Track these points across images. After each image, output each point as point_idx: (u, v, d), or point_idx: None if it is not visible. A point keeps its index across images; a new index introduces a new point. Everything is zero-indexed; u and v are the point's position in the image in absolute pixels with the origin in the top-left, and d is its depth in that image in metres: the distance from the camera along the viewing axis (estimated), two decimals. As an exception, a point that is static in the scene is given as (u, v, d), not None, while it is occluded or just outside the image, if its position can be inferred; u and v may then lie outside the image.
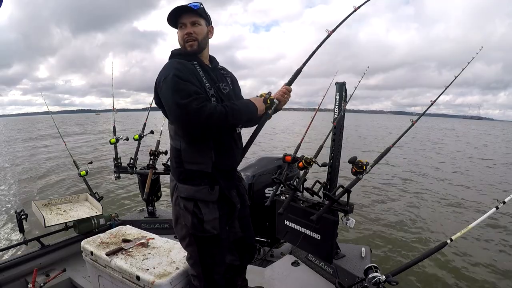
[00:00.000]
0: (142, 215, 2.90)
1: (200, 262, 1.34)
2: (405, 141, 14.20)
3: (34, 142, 17.69)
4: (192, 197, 1.26)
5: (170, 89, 1.16)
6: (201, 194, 1.26)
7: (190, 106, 1.11)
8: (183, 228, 1.31)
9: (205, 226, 1.26)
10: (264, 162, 2.40)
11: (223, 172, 1.32)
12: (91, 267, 1.71)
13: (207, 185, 1.27)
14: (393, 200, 5.97)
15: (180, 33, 1.29)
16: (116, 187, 6.60)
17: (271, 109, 1.36)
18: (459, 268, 3.40)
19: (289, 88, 1.43)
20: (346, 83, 2.04)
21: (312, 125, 2.28)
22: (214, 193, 1.28)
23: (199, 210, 1.26)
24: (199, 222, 1.26)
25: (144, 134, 2.90)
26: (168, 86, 1.17)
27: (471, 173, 8.84)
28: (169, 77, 1.17)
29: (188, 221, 1.27)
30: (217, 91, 1.27)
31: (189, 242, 1.33)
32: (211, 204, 1.28)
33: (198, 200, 1.26)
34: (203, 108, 1.13)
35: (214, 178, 1.28)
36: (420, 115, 1.60)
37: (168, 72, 1.19)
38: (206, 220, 1.26)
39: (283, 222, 1.91)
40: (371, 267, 1.43)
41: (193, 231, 1.28)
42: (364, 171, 1.51)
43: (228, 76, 1.44)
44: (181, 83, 1.15)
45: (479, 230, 4.25)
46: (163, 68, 1.25)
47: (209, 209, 1.27)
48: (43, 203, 2.55)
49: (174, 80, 1.16)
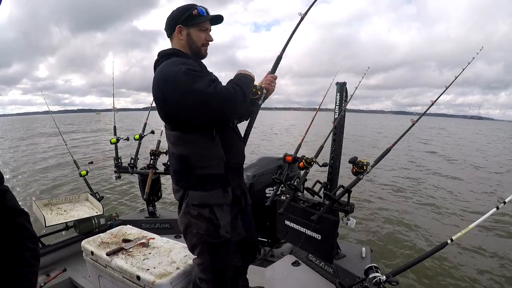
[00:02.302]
0: (142, 215, 2.90)
1: (212, 268, 1.31)
2: (406, 141, 14.23)
3: (33, 141, 17.70)
4: (206, 202, 1.22)
5: (189, 83, 1.09)
6: (215, 199, 1.24)
7: (219, 92, 1.08)
8: (194, 237, 1.27)
9: (221, 231, 1.23)
10: (264, 162, 2.40)
11: (234, 170, 1.31)
12: (91, 267, 1.71)
13: (220, 188, 1.25)
14: (393, 200, 5.97)
15: (204, 35, 1.28)
16: (117, 187, 6.61)
17: (261, 98, 1.36)
18: (459, 268, 3.39)
19: (275, 76, 1.41)
20: (346, 83, 2.05)
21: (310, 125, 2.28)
22: (228, 195, 1.27)
23: (215, 215, 1.23)
24: (215, 228, 1.23)
25: (145, 134, 2.90)
26: (185, 81, 1.10)
27: (471, 173, 8.84)
28: (180, 72, 1.10)
29: (202, 229, 1.23)
30: None
31: (201, 250, 1.30)
32: (226, 207, 1.26)
33: (213, 205, 1.23)
34: (229, 90, 1.11)
35: (226, 179, 1.26)
36: (420, 115, 1.60)
37: (176, 69, 1.12)
38: (222, 225, 1.23)
39: (284, 222, 1.91)
40: (372, 267, 1.43)
41: (207, 238, 1.25)
42: (365, 171, 1.51)
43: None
44: (197, 75, 1.11)
45: (479, 230, 4.25)
46: (164, 68, 1.18)
47: (224, 213, 1.25)
48: (44, 202, 2.55)
49: (189, 73, 1.10)
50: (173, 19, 1.26)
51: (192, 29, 1.26)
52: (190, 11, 1.23)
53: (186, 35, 1.26)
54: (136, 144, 2.90)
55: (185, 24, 1.25)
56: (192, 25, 1.25)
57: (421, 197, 6.17)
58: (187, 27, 1.25)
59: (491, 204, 1.56)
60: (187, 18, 1.24)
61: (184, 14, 1.23)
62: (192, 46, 1.28)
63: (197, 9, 1.24)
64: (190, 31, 1.26)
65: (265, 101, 1.41)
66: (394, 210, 5.32)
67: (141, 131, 2.89)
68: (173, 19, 1.26)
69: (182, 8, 1.26)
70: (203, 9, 1.25)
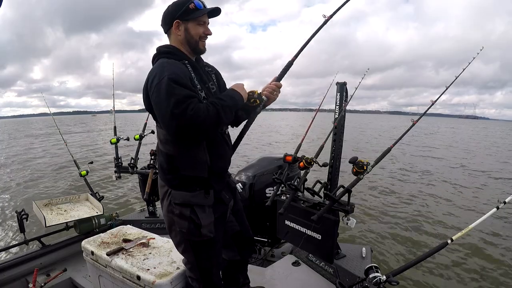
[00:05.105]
0: (142, 215, 2.90)
1: (198, 266, 1.33)
2: (407, 141, 14.25)
3: (33, 141, 17.71)
4: (188, 202, 1.23)
5: (163, 96, 1.07)
6: (197, 199, 1.24)
7: (185, 114, 1.03)
8: (178, 235, 1.29)
9: (202, 231, 1.24)
10: (265, 162, 2.40)
11: (217, 175, 1.30)
12: (91, 267, 1.72)
13: (202, 190, 1.25)
14: (393, 200, 5.96)
15: (202, 29, 1.24)
16: (117, 187, 6.61)
17: (260, 106, 1.32)
18: (459, 268, 3.39)
19: (279, 84, 1.34)
20: (346, 83, 2.05)
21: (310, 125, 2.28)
22: (210, 197, 1.26)
23: (196, 215, 1.23)
24: (196, 227, 1.23)
25: (145, 134, 2.90)
26: (161, 92, 1.07)
27: (471, 173, 8.84)
28: (163, 81, 1.08)
29: (184, 227, 1.24)
30: (207, 93, 1.23)
31: (185, 248, 1.31)
32: (207, 208, 1.26)
33: (195, 205, 1.24)
34: (198, 113, 1.05)
35: (209, 182, 1.26)
36: (421, 115, 1.60)
37: (161, 75, 1.10)
38: (204, 225, 1.24)
39: (284, 222, 1.91)
40: (372, 267, 1.43)
41: (189, 236, 1.26)
42: (365, 171, 1.51)
43: (213, 72, 1.40)
44: (176, 88, 1.07)
45: (479, 230, 4.25)
46: (153, 70, 1.16)
47: (206, 214, 1.25)
48: (44, 203, 2.55)
49: (168, 85, 1.07)
50: (169, 14, 1.22)
51: (189, 24, 1.22)
52: (186, 5, 1.19)
53: (184, 30, 1.22)
54: (136, 144, 2.91)
55: (182, 18, 1.21)
56: (190, 20, 1.21)
57: (421, 197, 6.16)
58: (184, 22, 1.22)
59: (492, 203, 1.56)
60: (184, 12, 1.20)
61: (181, 9, 1.20)
62: (190, 41, 1.24)
63: (193, 2, 1.20)
64: (188, 25, 1.22)
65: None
66: (394, 210, 5.32)
67: (141, 131, 2.89)
68: (170, 14, 1.22)
69: (178, 2, 1.22)
70: (200, 2, 1.21)
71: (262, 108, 1.34)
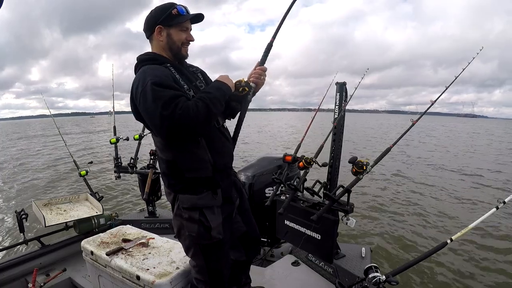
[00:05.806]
0: (142, 214, 2.90)
1: (207, 269, 1.31)
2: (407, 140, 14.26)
3: (31, 142, 17.70)
4: (196, 205, 1.22)
5: (150, 101, 1.05)
6: (204, 201, 1.23)
7: (174, 114, 1.02)
8: (187, 239, 1.28)
9: (212, 233, 1.22)
10: (264, 162, 2.40)
11: (222, 172, 1.29)
12: (91, 266, 1.71)
13: (209, 190, 1.24)
14: (393, 200, 5.96)
15: (184, 35, 1.23)
16: (117, 186, 6.60)
17: (250, 94, 1.31)
18: (459, 268, 3.39)
19: (264, 68, 1.33)
20: (346, 83, 2.05)
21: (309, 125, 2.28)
22: (218, 197, 1.25)
23: (205, 217, 1.21)
24: (206, 230, 1.22)
25: (145, 134, 2.90)
26: (147, 98, 1.06)
27: (471, 173, 8.84)
28: (147, 87, 1.06)
29: (194, 231, 1.22)
30: (195, 92, 1.21)
31: (195, 252, 1.30)
32: (216, 208, 1.25)
33: (203, 207, 1.22)
34: (187, 111, 1.03)
35: (215, 181, 1.25)
36: (421, 114, 1.59)
37: (144, 81, 1.08)
38: (213, 227, 1.22)
39: (283, 222, 1.91)
40: (371, 267, 1.43)
41: (198, 240, 1.24)
42: (365, 171, 1.51)
43: (199, 71, 1.39)
44: (161, 91, 1.05)
45: (479, 230, 4.25)
46: (136, 78, 1.14)
47: (215, 215, 1.24)
48: (43, 202, 2.55)
49: (152, 89, 1.05)
50: (152, 19, 1.20)
51: (172, 29, 1.20)
52: (169, 11, 1.17)
53: (166, 36, 1.21)
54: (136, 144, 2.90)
55: (165, 24, 1.19)
56: (172, 25, 1.20)
57: (421, 197, 6.16)
58: (167, 28, 1.20)
59: (492, 203, 1.56)
60: (167, 17, 1.18)
61: (164, 14, 1.18)
62: (172, 47, 1.23)
63: (176, 8, 1.18)
64: (171, 31, 1.20)
65: (260, 102, 1.37)
66: (394, 210, 5.32)
67: (140, 131, 2.89)
68: (152, 19, 1.20)
69: (161, 7, 1.19)
70: (183, 8, 1.19)
71: (253, 95, 1.33)
